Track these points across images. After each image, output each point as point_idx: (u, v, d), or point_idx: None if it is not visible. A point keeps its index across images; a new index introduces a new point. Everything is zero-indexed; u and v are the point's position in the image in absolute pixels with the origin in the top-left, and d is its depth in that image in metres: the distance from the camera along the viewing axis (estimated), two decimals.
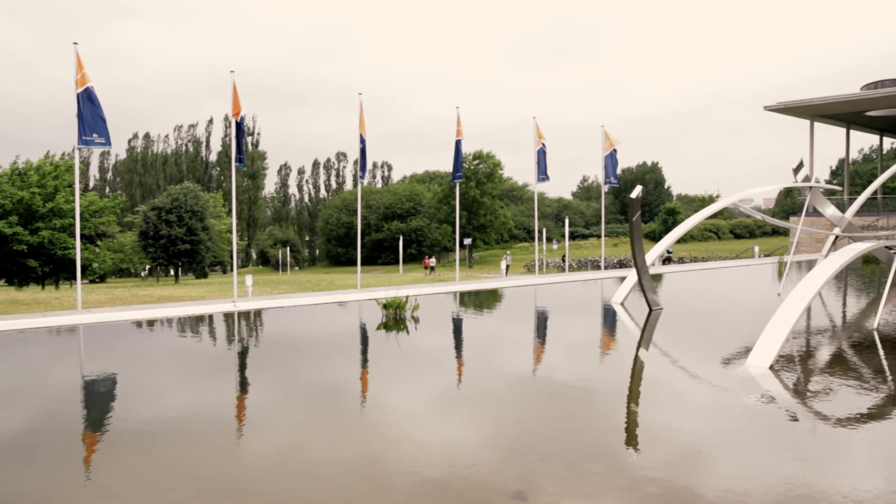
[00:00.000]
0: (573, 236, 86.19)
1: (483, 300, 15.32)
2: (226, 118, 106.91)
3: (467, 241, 61.31)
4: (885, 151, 63.91)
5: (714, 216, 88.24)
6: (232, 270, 18.96)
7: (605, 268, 35.97)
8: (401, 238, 70.71)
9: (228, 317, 12.30)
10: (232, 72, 16.36)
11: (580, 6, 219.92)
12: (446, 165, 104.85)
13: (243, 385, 7.25)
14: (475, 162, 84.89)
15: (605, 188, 33.83)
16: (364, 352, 9.28)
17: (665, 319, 11.05)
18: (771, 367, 7.11)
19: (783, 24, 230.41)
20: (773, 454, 4.85)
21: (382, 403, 6.44)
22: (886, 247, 12.50)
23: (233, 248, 18.52)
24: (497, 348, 9.44)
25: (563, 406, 6.16)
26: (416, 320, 11.20)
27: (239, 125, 16.49)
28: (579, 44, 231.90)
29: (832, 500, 3.94)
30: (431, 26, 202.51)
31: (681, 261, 48.21)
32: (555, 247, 60.18)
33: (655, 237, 76.57)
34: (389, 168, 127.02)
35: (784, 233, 63.73)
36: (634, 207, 10.28)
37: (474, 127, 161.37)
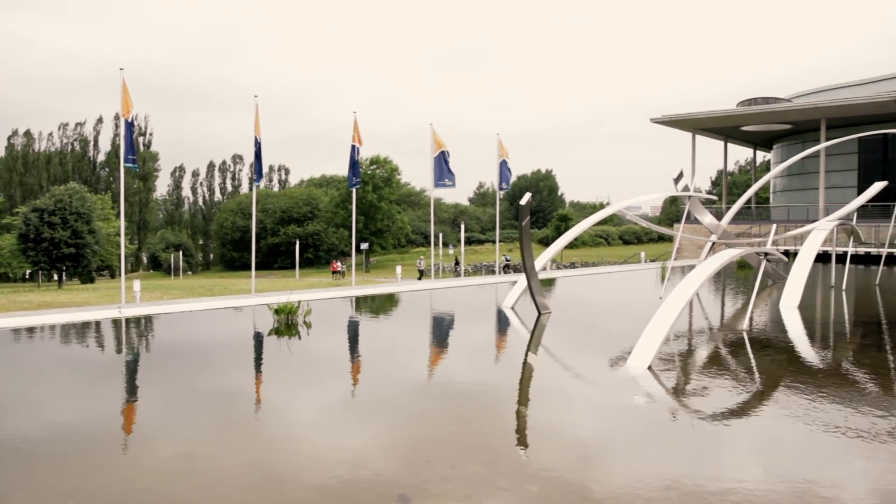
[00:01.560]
0: (469, 241, 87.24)
1: (378, 305, 15.33)
2: (116, 117, 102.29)
3: (364, 246, 61.05)
4: (758, 164, 67.90)
5: (604, 223, 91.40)
6: (121, 275, 18.20)
7: (499, 272, 36.62)
8: (297, 242, 69.67)
9: (115, 324, 11.81)
10: (122, 69, 15.75)
11: (481, 16, 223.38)
12: (344, 170, 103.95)
13: (129, 395, 6.99)
14: (373, 167, 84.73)
15: (500, 194, 34.50)
16: (253, 358, 9.12)
17: (553, 323, 11.38)
18: (649, 368, 7.45)
19: (669, 42, 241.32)
20: (652, 450, 5.10)
21: (271, 410, 6.36)
22: (757, 253, 13.32)
23: (121, 251, 17.78)
24: (388, 353, 9.47)
25: (451, 409, 6.26)
26: (308, 325, 11.10)
27: (129, 124, 15.89)
28: (479, 52, 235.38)
29: (716, 491, 4.17)
30: (332, 30, 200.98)
31: (572, 266, 49.65)
32: (450, 251, 60.77)
33: (548, 242, 78.42)
34: (287, 171, 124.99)
35: (669, 239, 66.67)
36: (524, 213, 10.57)
37: (374, 131, 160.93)
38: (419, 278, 44.08)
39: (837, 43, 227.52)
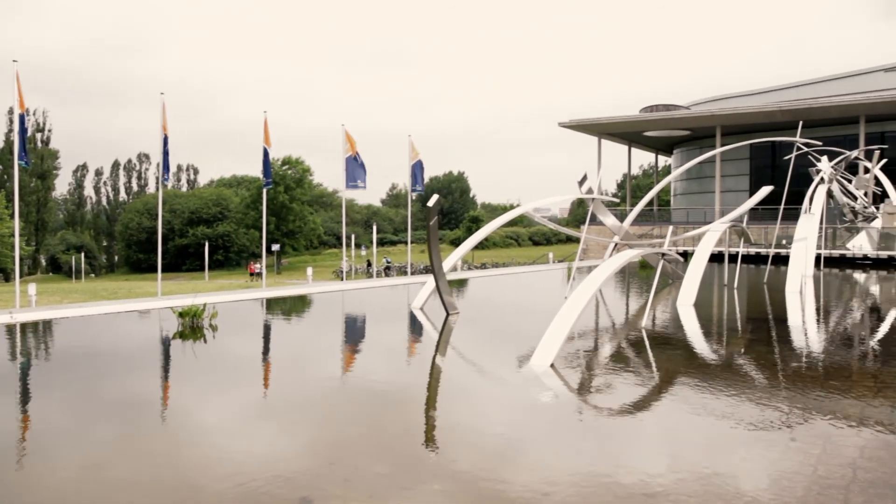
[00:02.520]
0: (382, 242, 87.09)
1: (288, 307, 15.16)
2: (10, 111, 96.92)
3: (276, 247, 60.07)
4: (660, 168, 70.51)
5: (514, 224, 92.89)
6: (15, 278, 17.30)
7: (412, 273, 36.75)
8: (206, 244, 67.90)
9: (7, 330, 11.27)
10: (15, 61, 15.03)
11: (397, 16, 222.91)
12: (255, 170, 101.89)
13: (22, 406, 6.71)
14: (284, 167, 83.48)
15: (412, 196, 34.63)
16: (154, 364, 8.90)
17: (461, 323, 11.55)
18: (552, 366, 7.68)
19: (578, 49, 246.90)
20: (558, 446, 5.29)
21: (172, 417, 6.24)
22: (656, 253, 13.87)
23: (15, 253, 16.95)
24: (295, 355, 9.41)
25: (358, 410, 6.30)
26: (215, 328, 10.90)
27: (22, 120, 15.19)
28: (394, 53, 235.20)
29: (629, 483, 4.36)
30: (242, 26, 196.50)
31: (483, 266, 50.25)
32: (363, 253, 60.57)
33: (460, 243, 79.14)
34: (196, 171, 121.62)
35: (577, 240, 68.43)
36: (431, 214, 10.72)
37: (286, 131, 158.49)
38: (341, 279, 43.78)
39: (732, 55, 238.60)
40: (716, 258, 19.17)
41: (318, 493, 4.23)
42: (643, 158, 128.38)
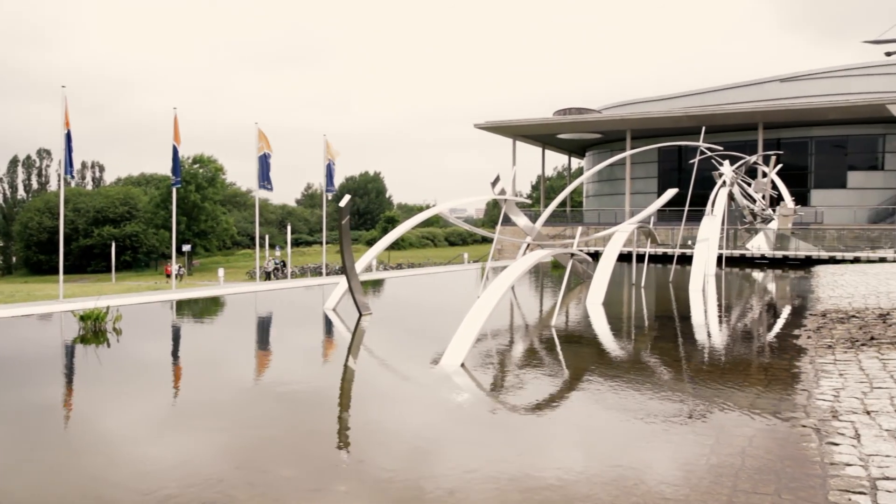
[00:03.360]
0: (297, 243, 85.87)
1: (199, 309, 14.78)
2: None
3: (186, 248, 58.42)
4: (573, 170, 72.12)
5: (431, 225, 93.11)
6: None
7: (327, 274, 36.38)
8: (113, 244, 65.41)
9: None
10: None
11: (314, 14, 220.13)
12: (165, 168, 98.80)
13: None
14: (195, 166, 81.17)
15: (328, 196, 34.25)
16: (53, 371, 8.52)
17: (373, 323, 11.53)
18: (462, 365, 7.76)
19: (496, 51, 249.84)
20: (469, 445, 5.34)
21: (73, 424, 6.00)
22: (569, 254, 14.18)
23: None
24: (204, 358, 9.19)
25: (267, 413, 6.21)
26: (119, 332, 10.53)
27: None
28: (311, 52, 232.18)
29: (545, 478, 4.43)
30: (151, 18, 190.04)
31: (399, 267, 50.23)
32: (277, 254, 59.60)
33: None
34: (101, 169, 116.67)
35: (492, 240, 69.22)
36: (343, 214, 10.69)
37: (198, 129, 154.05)
38: (266, 279, 42.98)
39: (643, 62, 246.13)
40: (625, 258, 19.76)
41: (222, 498, 4.14)
42: (557, 160, 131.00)
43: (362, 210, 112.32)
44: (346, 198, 10.63)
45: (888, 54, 29.46)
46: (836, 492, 3.94)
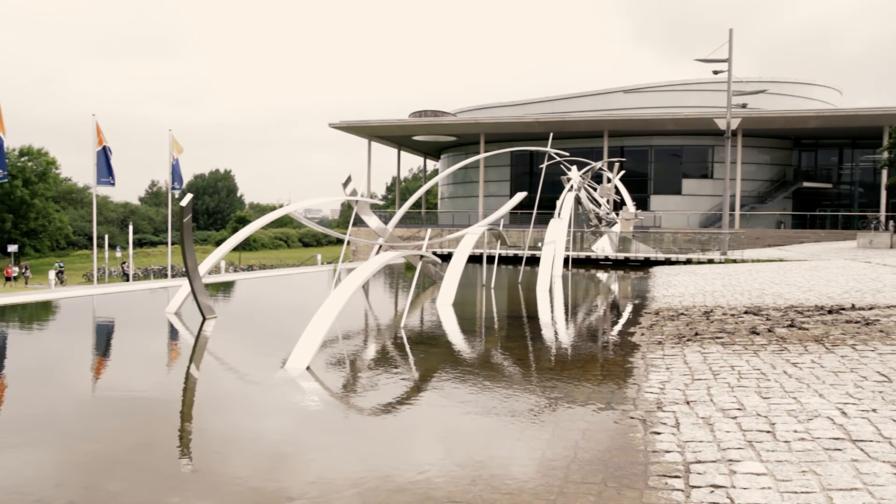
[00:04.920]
0: (141, 244, 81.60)
1: (28, 315, 13.66)
2: None
3: (13, 248, 54.04)
4: (428, 172, 72.99)
5: (284, 225, 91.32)
6: None
7: (173, 276, 34.80)
8: None
9: None
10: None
11: (164, 2, 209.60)
12: None
13: None
14: (23, 159, 75.18)
15: (175, 194, 32.77)
16: None
17: (218, 327, 11.13)
18: (308, 368, 7.63)
19: (355, 51, 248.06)
20: (323, 449, 5.24)
21: None
22: (418, 255, 14.29)
23: None
24: (30, 368, 8.50)
25: (98, 425, 5.83)
26: None
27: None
28: (159, 41, 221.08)
29: (403, 478, 4.38)
30: None
31: (250, 268, 48.87)
32: (118, 254, 56.32)
33: None
34: None
35: (349, 242, 68.82)
36: (185, 213, 10.25)
37: (27, 119, 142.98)
38: (126, 280, 40.40)
39: (498, 69, 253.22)
40: (477, 259, 20.20)
41: None
42: (413, 162, 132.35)
43: (212, 209, 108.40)
44: (188, 196, 10.22)
45: (715, 72, 31.90)
46: (655, 477, 4.19)
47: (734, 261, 26.35)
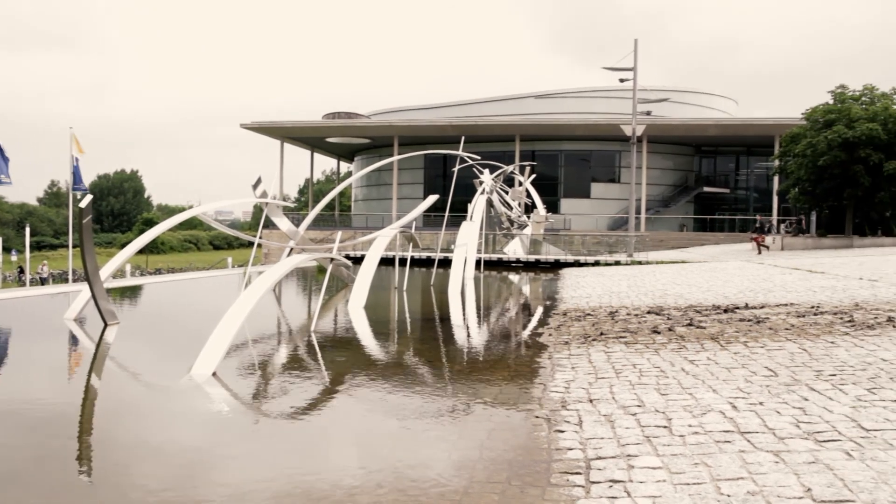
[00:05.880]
0: (39, 246, 77.87)
1: None
2: None
3: None
4: (341, 174, 72.45)
5: (194, 227, 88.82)
6: None
7: (74, 280, 33.35)
8: None
9: None
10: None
11: None
12: None
13: None
14: None
15: (77, 195, 31.39)
16: None
17: (121, 333, 10.76)
18: (215, 374, 7.47)
19: (267, 50, 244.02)
20: (238, 457, 5.13)
21: None
22: (329, 258, 14.21)
23: None
24: None
25: None
26: None
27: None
28: (61, 34, 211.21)
29: (311, 484, 4.33)
30: None
31: (157, 272, 47.36)
32: (13, 258, 53.53)
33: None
34: None
35: (259, 245, 67.53)
36: (84, 215, 9.87)
37: None
38: (42, 283, 38.25)
39: (415, 71, 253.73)
40: (390, 262, 20.19)
41: None
42: (327, 164, 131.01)
43: (117, 211, 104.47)
44: (88, 197, 9.86)
45: (622, 80, 32.92)
46: (557, 474, 4.32)
47: (640, 262, 27.26)
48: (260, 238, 16.53)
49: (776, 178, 42.13)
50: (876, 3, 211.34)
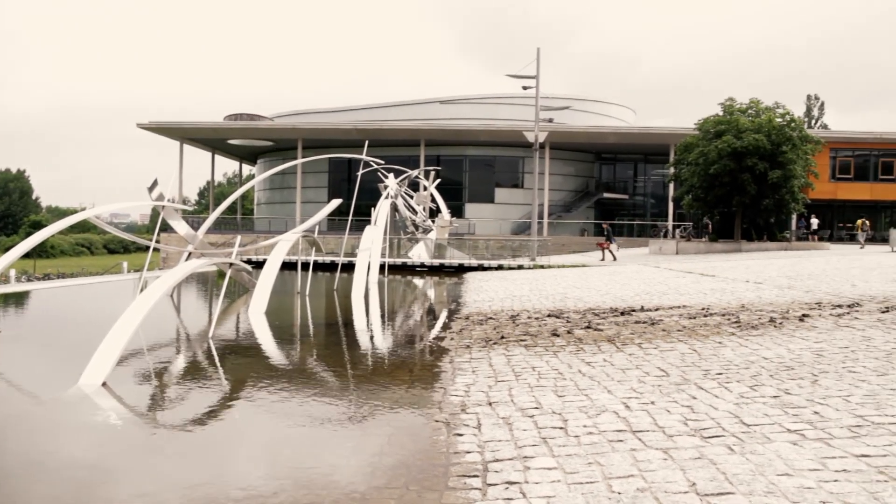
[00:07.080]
0: None
1: None
2: None
3: None
4: (244, 177, 70.89)
5: (87, 231, 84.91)
6: None
7: None
8: None
9: None
10: None
11: None
12: None
13: None
14: None
15: None
16: None
17: (2, 342, 10.17)
18: (105, 384, 7.16)
19: (167, 47, 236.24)
20: (128, 472, 4.91)
21: None
22: (228, 263, 13.87)
23: None
24: None
25: None
26: None
27: None
28: None
29: (220, 492, 4.18)
30: None
31: (46, 277, 44.98)
32: None
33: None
34: None
35: (157, 249, 65.21)
36: None
37: None
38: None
39: (319, 74, 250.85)
40: (292, 266, 19.86)
41: None
42: (229, 166, 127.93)
43: (2, 213, 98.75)
44: None
45: (525, 88, 33.56)
46: (455, 478, 4.36)
47: (542, 266, 27.82)
48: (157, 242, 15.97)
49: (671, 185, 43.84)
50: (765, 21, 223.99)
